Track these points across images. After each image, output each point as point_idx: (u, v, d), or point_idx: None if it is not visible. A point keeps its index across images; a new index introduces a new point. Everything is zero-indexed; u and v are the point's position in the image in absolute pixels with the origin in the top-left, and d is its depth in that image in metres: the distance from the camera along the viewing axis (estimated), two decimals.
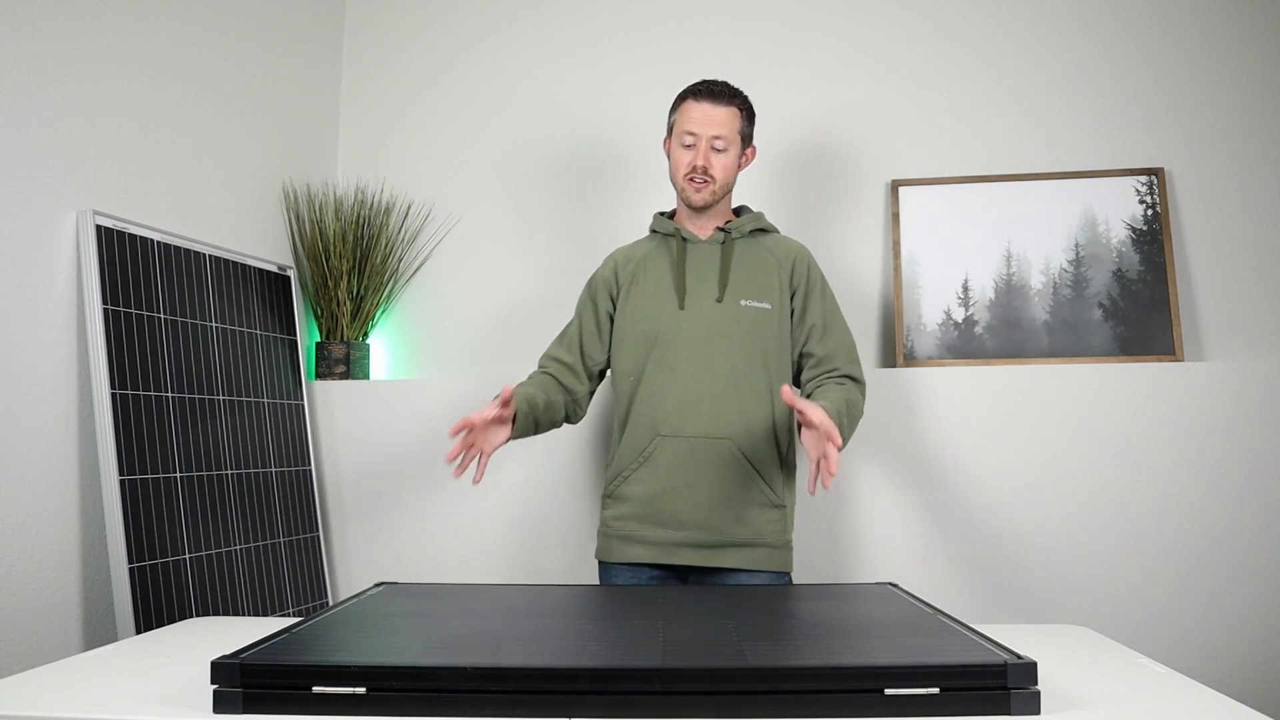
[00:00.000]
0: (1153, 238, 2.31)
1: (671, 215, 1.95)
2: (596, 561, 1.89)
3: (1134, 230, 2.32)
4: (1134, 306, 2.27)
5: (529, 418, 1.76)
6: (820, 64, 2.55)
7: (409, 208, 2.68)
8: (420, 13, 2.75)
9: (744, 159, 1.89)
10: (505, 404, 1.66)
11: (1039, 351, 2.29)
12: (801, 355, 1.86)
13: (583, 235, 2.59)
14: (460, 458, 1.61)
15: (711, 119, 1.81)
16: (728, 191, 1.88)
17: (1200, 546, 2.13)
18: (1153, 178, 2.34)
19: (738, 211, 1.95)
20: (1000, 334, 2.32)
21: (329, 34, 2.71)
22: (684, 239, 1.88)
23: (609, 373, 1.96)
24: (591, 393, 1.95)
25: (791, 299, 1.86)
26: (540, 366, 1.93)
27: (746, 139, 1.88)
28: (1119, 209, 2.34)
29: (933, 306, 2.37)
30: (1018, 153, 2.44)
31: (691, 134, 1.82)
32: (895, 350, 2.38)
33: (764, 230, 1.91)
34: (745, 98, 1.87)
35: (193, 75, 2.15)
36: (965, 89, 2.48)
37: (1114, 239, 2.32)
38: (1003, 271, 2.36)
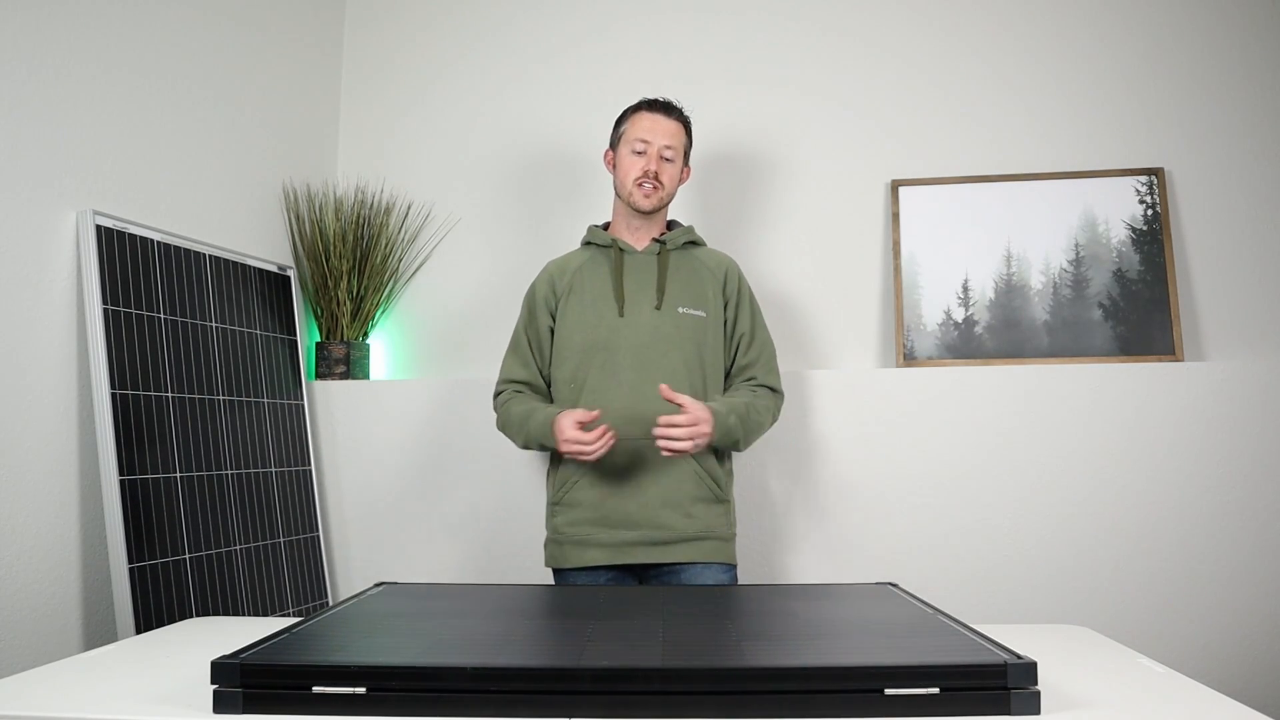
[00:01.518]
0: (1153, 238, 2.31)
1: (605, 227, 2.02)
2: (548, 569, 1.92)
3: (1134, 230, 2.32)
4: (1134, 306, 2.27)
5: None
6: (820, 64, 2.54)
7: (409, 208, 2.68)
8: (420, 13, 2.75)
9: (683, 175, 2.00)
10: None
11: (1039, 351, 2.29)
12: (731, 362, 1.95)
13: (582, 234, 2.58)
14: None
15: (664, 129, 1.93)
16: (669, 201, 1.97)
17: (1200, 546, 2.13)
18: (1153, 178, 2.34)
19: (669, 225, 2.02)
20: (1000, 334, 2.32)
21: (329, 34, 2.71)
22: (621, 249, 1.94)
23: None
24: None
25: (725, 308, 1.94)
26: (502, 394, 1.97)
27: (687, 156, 2.00)
28: (1119, 209, 2.34)
29: (933, 306, 2.37)
30: (1018, 153, 2.44)
31: (644, 141, 1.92)
32: (895, 350, 2.38)
33: (695, 243, 2.00)
34: (689, 118, 1.99)
35: (193, 75, 2.15)
36: (965, 89, 2.48)
37: (1114, 239, 2.32)
38: (1003, 271, 2.36)
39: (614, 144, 1.98)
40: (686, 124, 1.97)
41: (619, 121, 1.99)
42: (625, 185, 1.93)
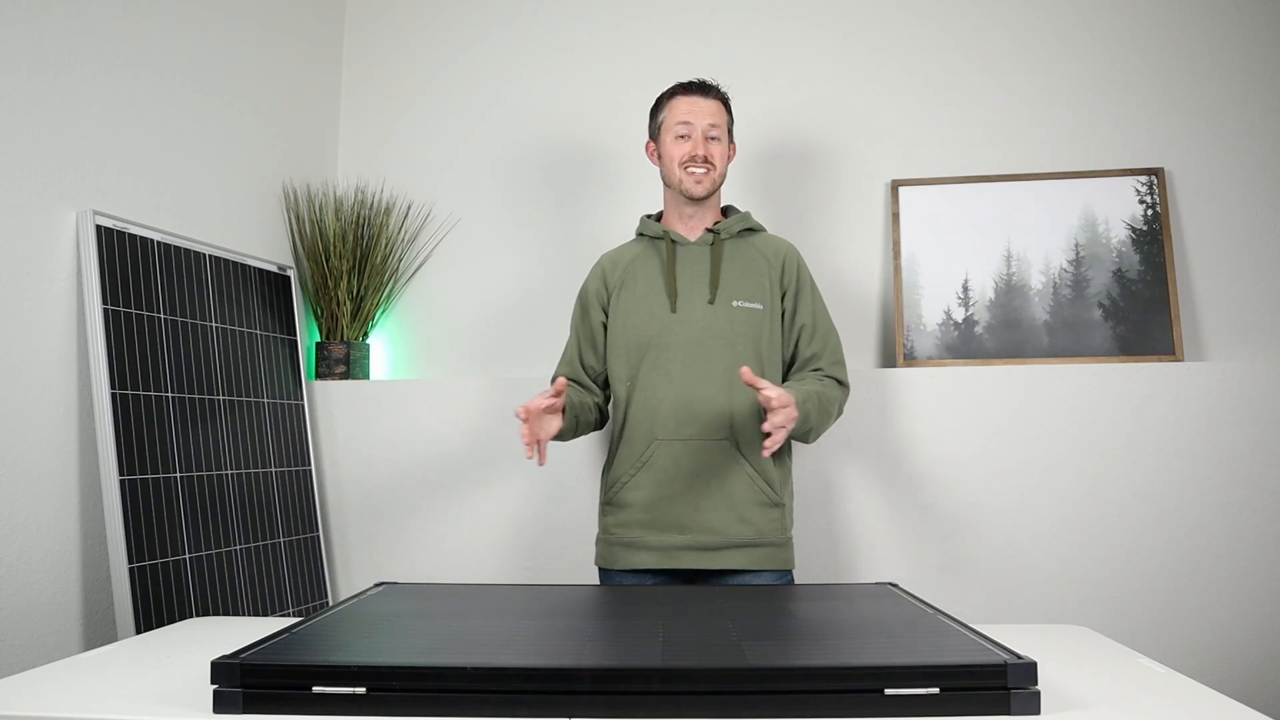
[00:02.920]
0: (1153, 238, 2.31)
1: (658, 218, 1.96)
2: (596, 566, 1.89)
3: (1134, 230, 2.32)
4: (1134, 306, 2.27)
5: (570, 411, 1.78)
6: (820, 64, 2.55)
7: (409, 208, 2.68)
8: (420, 13, 2.75)
9: (730, 153, 1.92)
10: (558, 394, 1.67)
11: (1039, 351, 2.29)
12: (792, 354, 1.87)
13: (583, 235, 2.59)
14: (530, 445, 1.63)
15: (705, 109, 1.84)
16: (722, 183, 1.89)
17: (1200, 546, 2.13)
18: (1153, 178, 2.34)
19: (724, 212, 1.95)
20: (1000, 334, 2.32)
21: (329, 34, 2.71)
22: (673, 241, 1.88)
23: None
24: (608, 399, 1.96)
25: (783, 299, 1.86)
26: None
27: (730, 134, 1.91)
28: (1119, 209, 2.34)
29: (933, 306, 2.37)
30: (1018, 153, 2.44)
31: (686, 123, 1.84)
32: (895, 350, 2.38)
33: (752, 230, 1.92)
34: (727, 95, 1.91)
35: (193, 75, 2.15)
36: (965, 89, 2.48)
37: (1114, 239, 2.32)
38: (1003, 271, 2.36)
39: (654, 134, 1.91)
40: (725, 101, 1.89)
41: (655, 110, 1.92)
42: (674, 173, 1.85)
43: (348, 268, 2.51)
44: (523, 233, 2.63)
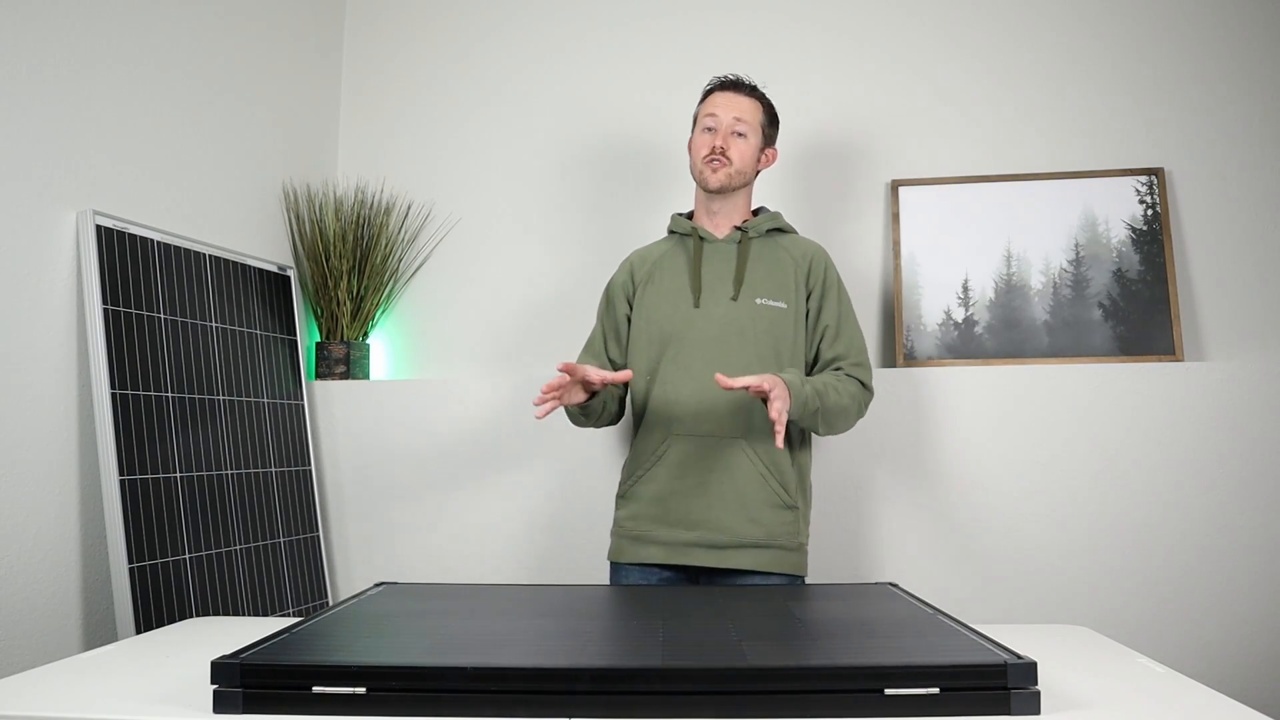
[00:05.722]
0: (1153, 238, 2.31)
1: (689, 216, 1.96)
2: (607, 562, 1.89)
3: (1134, 230, 2.32)
4: (1134, 306, 2.27)
5: (599, 394, 1.78)
6: (821, 64, 2.55)
7: (409, 208, 2.68)
8: (420, 13, 2.75)
9: (764, 158, 1.91)
10: (603, 382, 1.69)
11: (1039, 351, 2.29)
12: (814, 356, 1.86)
13: (582, 235, 2.59)
14: (549, 396, 1.62)
15: (734, 104, 1.86)
16: (745, 182, 1.89)
17: (1200, 546, 2.13)
18: (1153, 178, 2.34)
19: (756, 212, 1.95)
20: (1000, 334, 2.32)
21: (329, 34, 2.71)
22: (701, 238, 1.88)
23: None
24: (627, 394, 1.96)
25: (808, 300, 1.85)
26: None
27: (769, 138, 1.91)
28: (1119, 209, 2.34)
29: (933, 306, 2.37)
30: (1018, 153, 2.44)
31: (713, 116, 1.86)
32: (895, 350, 2.38)
33: (781, 230, 1.92)
34: (768, 98, 1.92)
35: (193, 75, 2.15)
36: (965, 89, 2.48)
37: (1114, 239, 2.32)
38: (1003, 271, 2.36)
39: (692, 129, 1.93)
40: (764, 102, 1.89)
41: (698, 106, 1.94)
42: (695, 164, 1.87)
43: (348, 268, 2.51)
44: (523, 233, 2.63)
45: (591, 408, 1.79)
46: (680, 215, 1.96)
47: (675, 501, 1.77)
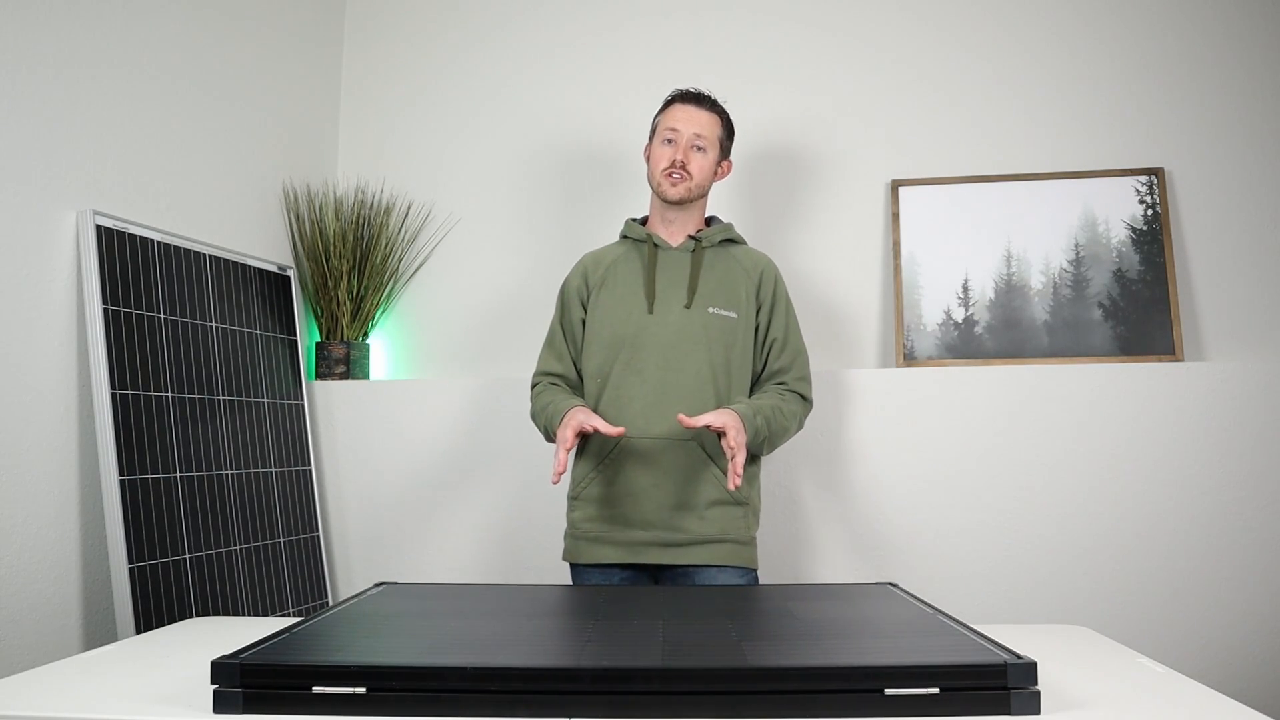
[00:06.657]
0: (1153, 238, 2.31)
1: (643, 222, 1.99)
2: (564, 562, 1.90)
3: (1134, 230, 2.32)
4: (1134, 306, 2.27)
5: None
6: (821, 63, 2.55)
7: (409, 208, 2.68)
8: (420, 13, 2.75)
9: (720, 170, 1.95)
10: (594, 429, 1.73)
11: (1039, 351, 2.29)
12: (762, 366, 1.91)
13: (582, 235, 2.58)
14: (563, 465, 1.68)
15: (694, 119, 1.89)
16: (702, 194, 1.93)
17: (1200, 546, 2.13)
18: (1153, 178, 2.34)
19: (708, 222, 1.99)
20: (1000, 334, 2.32)
21: (329, 34, 2.71)
22: (655, 245, 1.91)
23: None
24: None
25: (758, 313, 1.90)
26: (536, 385, 1.95)
27: (725, 150, 1.95)
28: (1119, 209, 2.34)
29: (933, 306, 2.37)
30: (1018, 153, 2.44)
31: (674, 129, 1.88)
32: (895, 350, 2.38)
33: (733, 241, 1.96)
34: (726, 112, 1.95)
35: (193, 75, 2.15)
36: (965, 89, 2.48)
37: (1114, 239, 2.32)
38: (1003, 271, 2.36)
39: (650, 136, 1.96)
40: (723, 116, 1.93)
41: (656, 115, 1.96)
42: (654, 175, 1.90)
43: (348, 268, 2.51)
44: (523, 233, 2.63)
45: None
46: (634, 221, 1.98)
47: (629, 502, 1.80)
